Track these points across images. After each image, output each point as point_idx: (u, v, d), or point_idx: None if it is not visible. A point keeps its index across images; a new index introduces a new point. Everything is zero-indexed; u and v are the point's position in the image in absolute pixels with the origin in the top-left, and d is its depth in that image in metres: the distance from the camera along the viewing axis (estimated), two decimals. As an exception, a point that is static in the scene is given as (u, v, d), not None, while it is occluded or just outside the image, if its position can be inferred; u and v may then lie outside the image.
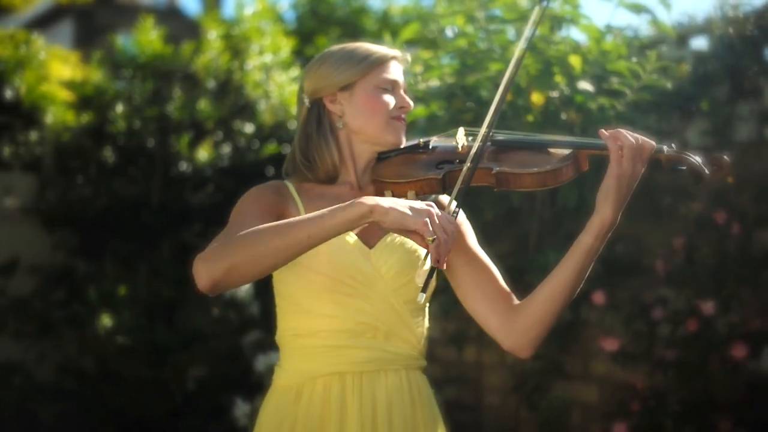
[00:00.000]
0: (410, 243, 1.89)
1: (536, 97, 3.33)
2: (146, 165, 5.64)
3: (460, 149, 1.90)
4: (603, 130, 1.79)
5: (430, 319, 2.02)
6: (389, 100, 1.94)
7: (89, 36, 14.92)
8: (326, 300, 1.86)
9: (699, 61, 3.74)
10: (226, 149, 5.70)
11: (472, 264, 1.95)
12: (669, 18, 3.77)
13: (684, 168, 1.80)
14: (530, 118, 3.37)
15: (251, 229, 1.68)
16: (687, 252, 3.42)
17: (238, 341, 5.19)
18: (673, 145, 1.84)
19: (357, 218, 1.64)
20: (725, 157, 1.80)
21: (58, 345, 5.27)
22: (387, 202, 1.64)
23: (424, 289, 1.68)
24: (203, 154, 5.57)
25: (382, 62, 1.95)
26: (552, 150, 1.86)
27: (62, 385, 5.24)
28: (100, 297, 5.29)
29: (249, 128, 5.70)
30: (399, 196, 1.84)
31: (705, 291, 3.33)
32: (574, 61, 3.30)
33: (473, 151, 1.81)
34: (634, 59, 3.37)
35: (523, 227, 3.80)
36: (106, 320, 5.22)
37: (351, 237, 1.87)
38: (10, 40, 5.88)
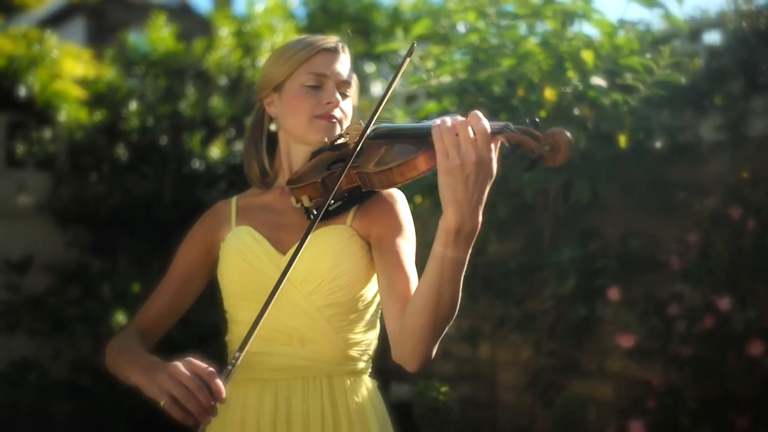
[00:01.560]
0: (321, 246, 1.78)
1: (549, 93, 3.32)
2: (159, 162, 5.65)
3: (351, 145, 1.74)
4: (433, 125, 1.49)
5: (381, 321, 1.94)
6: (314, 98, 1.84)
7: (101, 34, 14.97)
8: (241, 307, 1.87)
9: (712, 56, 3.72)
10: (239, 146, 5.71)
11: (386, 262, 1.75)
12: (681, 12, 3.74)
13: (521, 150, 1.48)
14: (543, 113, 3.36)
15: (117, 345, 1.90)
16: (702, 248, 3.40)
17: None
18: (527, 121, 1.50)
19: (140, 388, 1.68)
20: (566, 134, 1.42)
21: (73, 342, 5.30)
22: (142, 375, 1.67)
23: None
24: (216, 151, 5.58)
25: (307, 57, 1.84)
26: (411, 141, 1.62)
27: (77, 383, 5.27)
28: (113, 294, 5.31)
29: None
30: (299, 202, 1.79)
31: (721, 287, 3.30)
32: (587, 56, 3.28)
33: (353, 151, 1.66)
34: (648, 55, 3.35)
35: (536, 223, 3.79)
36: (120, 317, 5.24)
37: (261, 243, 1.84)
38: (23, 39, 5.91)
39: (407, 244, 1.78)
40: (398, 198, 1.85)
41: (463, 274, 1.52)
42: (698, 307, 3.36)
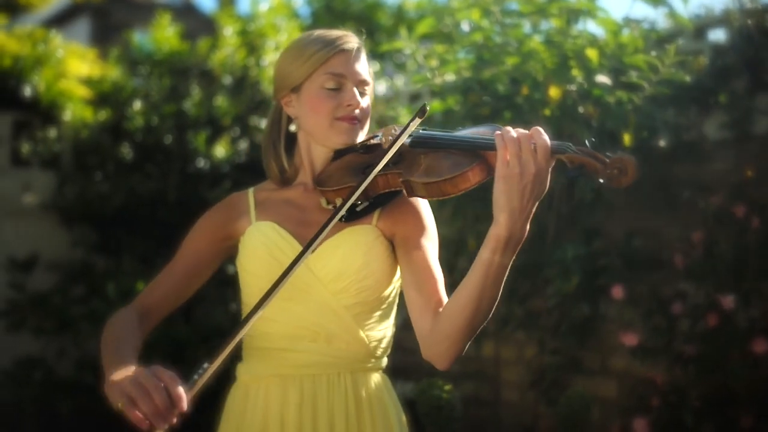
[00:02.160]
0: (351, 245, 1.81)
1: (553, 91, 3.32)
2: (164, 161, 5.66)
3: (386, 148, 1.74)
4: (496, 134, 1.55)
5: (398, 318, 1.97)
6: (334, 100, 1.83)
7: (106, 33, 14.98)
8: (268, 304, 1.86)
9: (717, 54, 3.71)
10: (243, 145, 5.71)
11: (413, 264, 1.78)
12: (686, 10, 3.73)
13: (586, 172, 1.53)
14: (547, 112, 3.36)
15: (108, 332, 1.88)
16: (706, 246, 3.40)
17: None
18: (586, 143, 1.56)
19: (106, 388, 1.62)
20: (632, 158, 1.49)
21: (78, 341, 5.30)
22: (110, 388, 1.60)
23: None
24: (220, 150, 5.59)
25: (327, 58, 1.83)
26: (460, 152, 1.66)
27: (82, 381, 5.27)
28: (118, 293, 5.31)
29: (265, 124, 5.70)
30: (331, 203, 1.82)
31: (725, 285, 3.30)
32: (591, 54, 3.28)
33: (385, 158, 1.68)
34: (653, 53, 3.34)
35: (540, 222, 3.79)
36: (124, 316, 5.24)
37: (286, 239, 1.85)
38: (28, 38, 5.93)
39: (432, 245, 1.83)
40: (421, 199, 1.87)
41: (505, 278, 1.58)
42: (702, 305, 3.35)
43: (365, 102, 1.88)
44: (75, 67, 6.05)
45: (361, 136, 1.89)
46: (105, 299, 5.30)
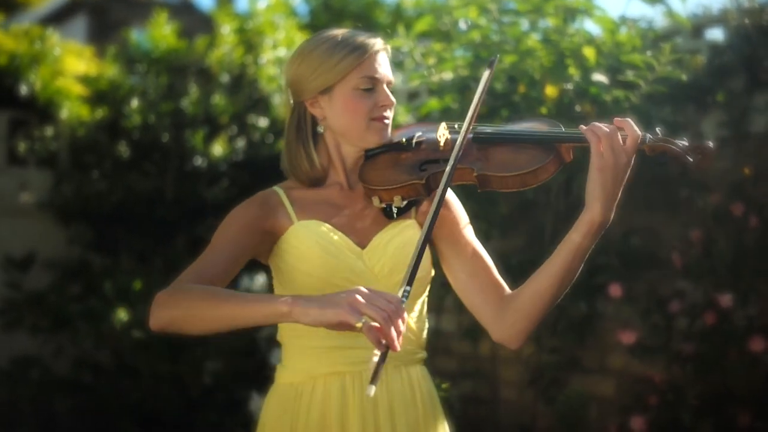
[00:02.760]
0: (402, 240, 1.85)
1: (550, 90, 3.31)
2: (161, 160, 5.66)
3: (442, 146, 1.84)
4: (582, 126, 1.72)
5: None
6: (369, 100, 1.86)
7: (103, 31, 14.96)
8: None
9: (714, 53, 3.71)
10: (241, 143, 5.71)
11: (464, 254, 1.90)
12: (684, 9, 3.74)
13: (668, 157, 1.71)
14: (544, 110, 3.36)
15: (199, 288, 1.67)
16: (704, 244, 3.40)
17: (254, 336, 5.20)
18: (657, 131, 1.75)
19: (276, 316, 1.57)
20: (710, 144, 1.70)
21: (75, 339, 5.30)
22: (304, 301, 1.54)
23: (373, 380, 1.46)
24: (218, 148, 5.58)
25: (360, 61, 1.84)
26: (533, 145, 1.78)
27: (79, 379, 5.27)
28: (115, 291, 5.32)
29: (263, 122, 5.70)
30: (386, 201, 1.84)
31: (722, 284, 3.30)
32: (588, 52, 3.28)
33: (454, 151, 1.72)
34: (649, 52, 3.34)
35: (537, 219, 3.79)
36: (122, 314, 5.24)
37: (341, 238, 1.85)
38: (25, 36, 5.92)
39: (470, 231, 1.95)
40: (450, 193, 1.95)
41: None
42: (700, 303, 3.36)
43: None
44: (72, 65, 6.04)
45: (390, 132, 1.92)
46: (102, 297, 5.30)
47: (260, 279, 5.55)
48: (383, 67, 1.89)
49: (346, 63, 1.84)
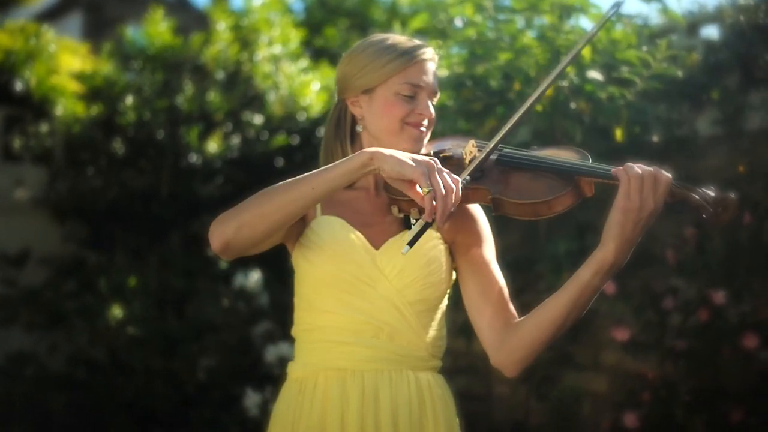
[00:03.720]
0: (418, 247, 1.79)
1: (546, 87, 3.31)
2: (156, 157, 5.65)
3: (467, 164, 1.82)
4: (617, 168, 1.64)
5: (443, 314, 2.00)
6: (408, 106, 1.87)
7: (98, 28, 14.94)
8: (327, 296, 1.86)
9: (710, 50, 3.72)
10: (236, 141, 5.71)
11: (480, 273, 1.88)
12: (679, 6, 3.74)
13: (687, 206, 1.64)
14: (539, 108, 3.36)
15: (260, 192, 1.73)
16: (698, 241, 3.41)
17: (249, 332, 5.21)
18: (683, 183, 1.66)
19: (358, 167, 1.66)
20: (733, 196, 1.60)
21: (70, 336, 5.30)
22: (388, 150, 1.65)
23: (411, 243, 1.62)
24: (213, 145, 5.58)
25: (406, 66, 1.87)
26: (554, 175, 1.73)
27: (73, 376, 5.27)
28: (110, 288, 5.31)
29: (258, 119, 5.70)
30: (405, 212, 1.84)
31: (716, 281, 3.31)
32: (584, 50, 3.28)
33: (474, 164, 1.75)
34: (645, 50, 3.35)
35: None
36: (116, 311, 5.24)
37: (357, 236, 1.86)
38: (20, 33, 5.91)
39: (492, 252, 1.92)
40: (479, 209, 1.95)
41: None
42: (693, 300, 3.37)
43: (433, 113, 1.93)
44: (67, 62, 6.04)
45: (424, 143, 1.92)
46: (97, 294, 5.30)
47: (255, 275, 5.56)
48: (428, 77, 1.90)
49: (391, 67, 1.87)
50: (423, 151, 1.92)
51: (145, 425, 5.17)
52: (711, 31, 3.97)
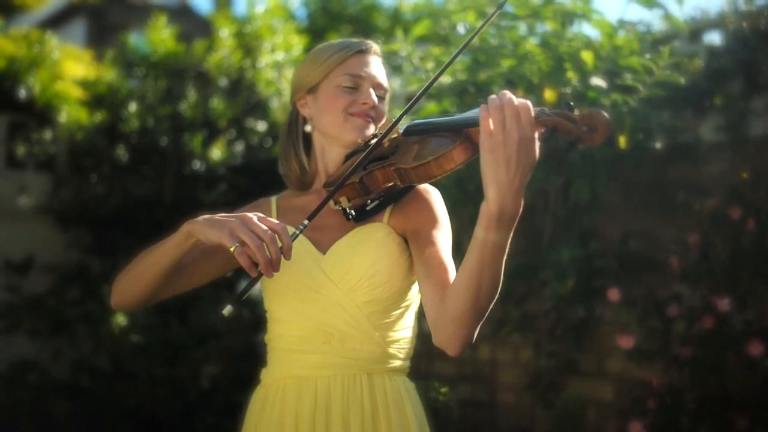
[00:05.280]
0: (357, 243, 1.82)
1: (549, 94, 3.32)
2: (159, 163, 5.65)
3: (386, 145, 1.76)
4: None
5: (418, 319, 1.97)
6: (350, 96, 1.87)
7: (102, 35, 14.98)
8: (281, 305, 1.90)
9: (712, 56, 3.72)
10: (239, 147, 5.71)
11: (424, 252, 1.78)
12: (681, 13, 3.74)
13: (559, 133, 1.46)
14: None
15: (133, 261, 1.86)
16: (702, 248, 3.40)
17: (252, 339, 5.20)
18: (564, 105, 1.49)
19: (181, 241, 1.71)
20: (604, 114, 1.41)
21: (73, 343, 5.30)
22: (201, 219, 1.66)
23: (238, 298, 1.60)
24: (216, 152, 5.58)
25: (344, 59, 1.89)
26: (447, 132, 1.63)
27: (77, 383, 5.27)
28: (114, 295, 5.31)
29: (261, 126, 5.71)
30: (337, 203, 1.81)
31: (720, 288, 3.30)
32: (586, 56, 3.28)
33: (371, 145, 1.69)
34: (648, 56, 3.34)
35: (536, 224, 3.79)
36: (120, 318, 5.24)
37: (302, 243, 1.86)
38: (23, 40, 5.92)
39: (443, 236, 1.82)
40: (432, 192, 1.89)
41: (505, 257, 1.50)
42: (698, 307, 3.35)
43: (381, 105, 1.92)
44: (70, 69, 6.04)
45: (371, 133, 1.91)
46: (100, 301, 5.30)
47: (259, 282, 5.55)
48: (369, 68, 1.90)
49: (331, 61, 1.89)
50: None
51: (149, 432, 5.17)
52: (713, 37, 3.96)
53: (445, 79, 3.71)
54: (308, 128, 1.98)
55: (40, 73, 5.79)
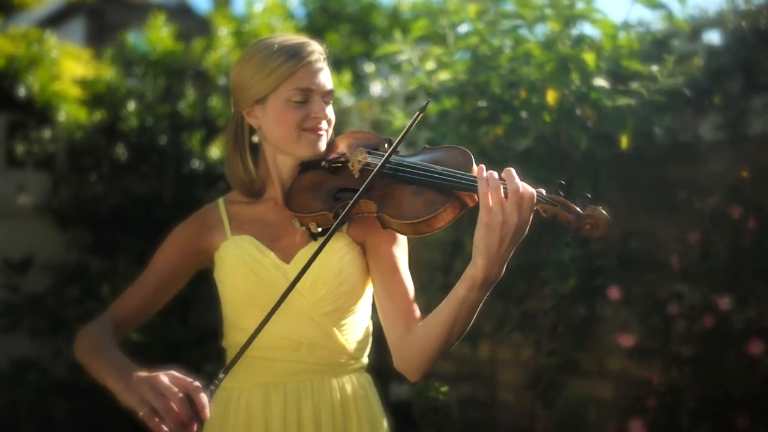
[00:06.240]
0: (323, 254, 1.73)
1: (551, 95, 3.31)
2: (158, 162, 5.65)
3: (357, 175, 1.78)
4: (482, 167, 1.56)
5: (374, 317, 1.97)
6: (301, 111, 1.81)
7: (100, 34, 14.96)
8: (245, 315, 1.88)
9: (712, 55, 3.71)
10: (238, 146, 5.70)
11: (386, 273, 1.82)
12: (682, 12, 3.73)
13: (558, 222, 1.55)
14: (547, 117, 3.36)
15: (90, 341, 1.85)
16: (702, 247, 3.40)
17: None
18: (560, 192, 1.58)
19: (113, 391, 1.67)
20: (604, 212, 1.52)
21: (73, 342, 5.29)
22: (124, 386, 1.62)
23: None
24: (215, 151, 5.58)
25: (293, 71, 1.80)
26: (437, 190, 1.65)
27: (76, 383, 5.27)
28: (113, 294, 5.30)
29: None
30: (304, 226, 1.81)
31: (721, 286, 3.30)
32: (589, 57, 3.28)
33: (362, 188, 1.68)
34: (655, 67, 3.34)
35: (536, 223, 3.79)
36: (120, 318, 5.23)
37: (267, 254, 1.86)
38: (22, 39, 5.92)
39: (402, 252, 1.86)
40: None
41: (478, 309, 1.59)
42: (698, 306, 3.36)
43: (329, 111, 1.88)
44: (69, 68, 6.04)
45: (324, 144, 1.88)
46: (100, 300, 5.29)
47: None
48: (318, 78, 1.83)
49: (278, 74, 1.80)
50: (322, 152, 1.87)
51: (148, 432, 5.17)
52: (713, 36, 3.96)
53: (446, 77, 3.71)
54: (255, 139, 1.93)
55: (39, 72, 5.79)
